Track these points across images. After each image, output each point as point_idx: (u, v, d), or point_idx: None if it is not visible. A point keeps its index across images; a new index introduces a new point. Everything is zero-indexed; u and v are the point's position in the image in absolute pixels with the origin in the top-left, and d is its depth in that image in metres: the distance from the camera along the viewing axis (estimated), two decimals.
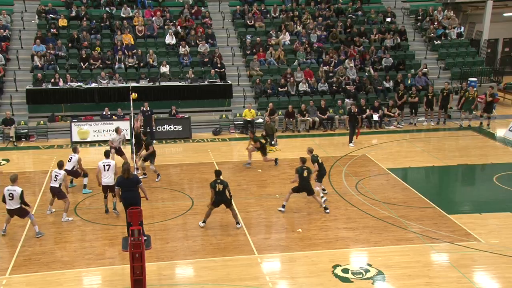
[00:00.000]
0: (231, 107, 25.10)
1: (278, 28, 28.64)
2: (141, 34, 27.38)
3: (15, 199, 13.08)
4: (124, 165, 12.73)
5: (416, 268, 11.90)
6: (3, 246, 13.08)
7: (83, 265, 12.12)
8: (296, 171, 14.72)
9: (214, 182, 13.58)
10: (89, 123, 22.55)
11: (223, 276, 11.59)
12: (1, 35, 25.92)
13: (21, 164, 19.88)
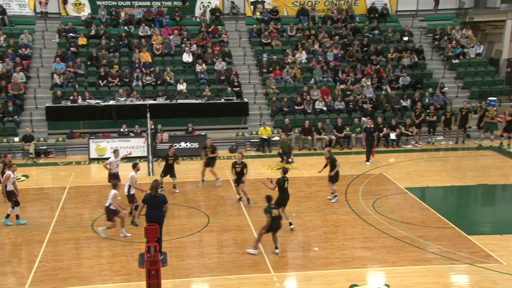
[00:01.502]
0: (247, 125, 25.23)
1: (295, 46, 28.85)
2: (158, 52, 27.78)
3: None
4: (152, 183, 12.66)
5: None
6: (21, 262, 13.23)
7: (99, 281, 12.20)
8: (277, 182, 14.76)
9: (269, 208, 13.21)
10: (107, 139, 22.82)
11: None
12: (22, 54, 26.47)
13: (39, 180, 20.14)
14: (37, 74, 25.96)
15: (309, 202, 17.00)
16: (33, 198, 17.79)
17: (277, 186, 14.70)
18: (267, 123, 24.57)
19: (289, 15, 31.73)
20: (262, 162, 22.14)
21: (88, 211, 16.51)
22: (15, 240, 14.39)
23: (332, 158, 16.79)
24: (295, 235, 14.62)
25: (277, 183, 14.71)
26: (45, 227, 15.16)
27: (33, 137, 22.46)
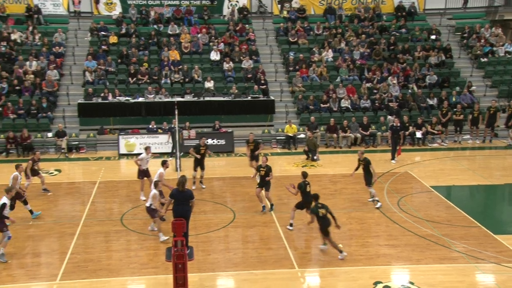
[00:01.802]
0: (273, 122, 25.24)
1: (321, 45, 28.71)
2: (187, 51, 27.97)
3: None
4: (180, 178, 12.69)
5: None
6: (54, 253, 13.50)
7: (128, 274, 12.38)
8: (299, 187, 14.48)
9: (316, 208, 12.97)
10: (136, 136, 23.11)
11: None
12: (56, 52, 26.97)
13: (71, 174, 20.51)
14: (69, 72, 26.42)
15: (333, 199, 16.92)
16: (65, 192, 18.13)
17: (299, 191, 14.47)
18: (293, 120, 24.53)
19: (316, 13, 31.59)
20: (288, 159, 22.13)
21: (117, 205, 16.75)
22: (48, 233, 14.68)
23: (366, 160, 16.21)
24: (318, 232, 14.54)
25: (298, 188, 14.46)
26: (76, 220, 15.44)
27: (65, 132, 22.89)
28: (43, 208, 16.40)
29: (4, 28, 27.57)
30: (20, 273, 12.38)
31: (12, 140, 22.23)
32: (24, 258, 13.21)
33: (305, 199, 14.45)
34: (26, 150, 22.30)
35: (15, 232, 14.44)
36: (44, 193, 17.45)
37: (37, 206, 16.49)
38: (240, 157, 22.37)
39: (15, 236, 14.28)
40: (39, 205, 16.57)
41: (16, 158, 21.87)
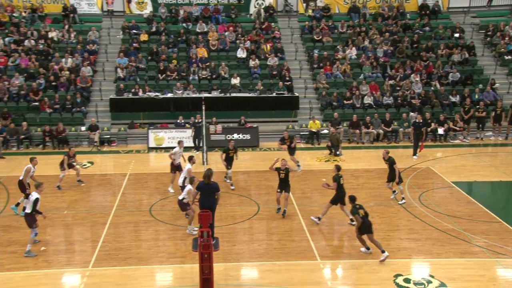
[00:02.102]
0: (298, 118, 25.16)
1: (345, 43, 28.48)
2: (214, 48, 28.05)
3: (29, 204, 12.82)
4: (206, 171, 12.71)
5: (481, 283, 11.44)
6: (86, 241, 13.72)
7: (156, 262, 12.51)
8: (334, 179, 14.23)
9: (355, 209, 12.46)
10: (164, 130, 23.30)
11: (286, 280, 11.63)
12: (90, 49, 27.35)
13: (103, 166, 20.79)
14: (102, 68, 26.76)
15: (355, 193, 16.44)
16: (97, 183, 18.40)
17: (336, 184, 14.15)
18: (317, 116, 24.42)
19: (341, 12, 31.34)
20: (311, 154, 22.05)
21: (146, 197, 16.93)
22: (81, 222, 14.93)
23: (391, 160, 15.80)
24: (341, 225, 14.51)
25: (334, 180, 14.18)
26: (107, 210, 15.66)
27: (98, 126, 23.21)
28: (77, 198, 16.69)
29: (42, 27, 28.06)
30: (55, 260, 12.62)
31: (48, 133, 22.65)
32: (59, 245, 13.47)
33: (340, 192, 14.20)
34: (61, 143, 22.71)
35: (51, 221, 14.77)
36: (78, 184, 17.74)
37: (71, 196, 16.82)
38: (264, 152, 22.39)
39: (51, 224, 14.62)
40: (73, 195, 16.89)
41: (52, 150, 22.29)
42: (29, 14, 29.13)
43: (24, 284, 11.41)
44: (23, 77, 25.22)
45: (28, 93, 24.45)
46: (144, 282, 11.62)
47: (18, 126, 22.80)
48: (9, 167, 19.89)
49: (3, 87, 24.48)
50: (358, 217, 12.26)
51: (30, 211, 12.69)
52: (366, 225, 12.33)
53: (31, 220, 12.76)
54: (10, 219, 14.84)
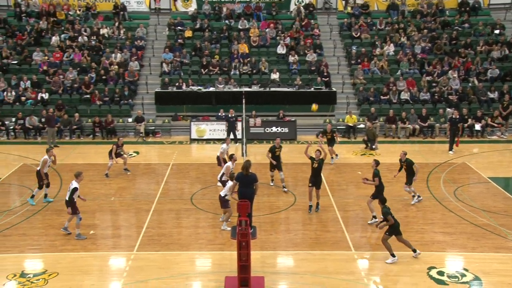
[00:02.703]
0: (335, 113, 24.88)
1: (383, 39, 27.91)
2: (255, 44, 28.01)
3: (68, 192, 13.05)
4: (245, 162, 12.69)
5: None
6: (132, 227, 13.98)
7: (196, 249, 12.63)
8: (375, 175, 13.65)
9: (387, 209, 11.89)
10: (206, 122, 23.46)
11: (320, 269, 11.54)
12: (138, 45, 27.77)
13: (148, 156, 21.11)
14: (149, 63, 27.13)
15: (391, 187, 16.43)
16: (142, 172, 18.69)
17: (377, 178, 13.63)
18: (353, 111, 24.10)
19: (379, 9, 30.68)
20: (347, 148, 21.77)
21: (188, 186, 17.10)
22: (127, 208, 15.22)
23: (408, 161, 14.94)
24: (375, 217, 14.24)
25: (376, 176, 13.66)
26: (151, 198, 15.89)
27: (143, 118, 23.58)
28: (123, 186, 17.02)
29: (94, 24, 28.67)
30: (103, 243, 12.93)
31: (98, 124, 23.16)
32: (106, 229, 13.78)
33: (381, 187, 13.75)
34: (110, 133, 23.19)
35: (99, 207, 15.15)
36: (124, 173, 18.07)
37: (118, 184, 17.16)
38: (302, 145, 22.21)
39: (100, 209, 14.98)
40: (120, 183, 17.22)
41: (101, 140, 22.80)
42: (83, 12, 29.82)
43: (75, 265, 11.73)
44: (76, 71, 25.86)
45: (81, 86, 25.07)
46: (185, 267, 11.74)
47: (71, 117, 23.41)
48: (62, 155, 20.43)
49: (58, 81, 25.18)
50: (391, 217, 11.69)
51: (68, 198, 12.87)
52: (396, 226, 11.88)
53: (72, 206, 12.91)
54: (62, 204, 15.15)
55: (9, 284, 10.91)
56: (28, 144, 22.25)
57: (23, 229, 13.50)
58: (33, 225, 13.83)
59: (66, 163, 19.32)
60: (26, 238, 12.97)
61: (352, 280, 11.08)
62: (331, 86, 25.34)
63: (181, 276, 11.30)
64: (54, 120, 22.22)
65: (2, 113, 23.75)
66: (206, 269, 11.85)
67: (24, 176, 17.78)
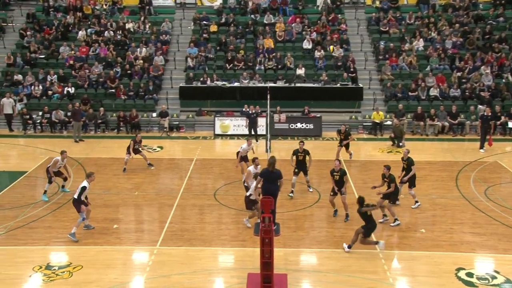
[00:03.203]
0: (361, 109, 24.63)
1: (413, 34, 27.47)
2: (281, 39, 27.91)
3: (77, 191, 13.02)
4: (270, 159, 12.60)
5: None
6: (155, 221, 14.12)
7: (219, 245, 12.68)
8: (392, 180, 13.36)
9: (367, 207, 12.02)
10: (230, 118, 23.51)
11: (344, 267, 11.46)
12: (163, 40, 27.99)
13: (171, 151, 21.28)
14: (173, 58, 27.29)
15: (417, 185, 16.09)
16: (166, 167, 18.85)
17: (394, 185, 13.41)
18: (380, 107, 23.81)
19: (409, 3, 30.19)
20: (374, 145, 21.55)
21: (211, 182, 17.16)
22: (150, 203, 15.37)
23: (409, 161, 14.46)
24: (402, 216, 14.06)
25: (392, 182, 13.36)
26: (175, 193, 16.02)
27: (168, 113, 23.76)
28: (147, 180, 17.18)
29: (120, 19, 29.00)
30: (126, 237, 13.09)
31: (123, 119, 23.45)
32: (129, 224, 13.96)
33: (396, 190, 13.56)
34: (134, 128, 23.44)
35: (123, 201, 15.33)
36: (148, 168, 18.22)
37: (142, 178, 17.34)
38: (327, 141, 22.10)
39: (123, 204, 15.17)
40: (143, 177, 17.40)
41: (125, 134, 23.06)
42: (109, 6, 30.20)
43: (98, 258, 11.91)
44: (102, 65, 26.21)
45: (106, 80, 25.40)
46: (208, 263, 11.80)
47: (96, 112, 23.76)
48: (87, 149, 20.81)
49: (84, 75, 25.56)
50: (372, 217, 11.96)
51: (76, 197, 12.87)
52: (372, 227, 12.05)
53: (78, 205, 12.87)
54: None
55: (35, 276, 11.16)
56: (54, 138, 22.66)
57: (49, 221, 13.77)
58: (58, 218, 14.08)
59: (91, 157, 19.63)
60: (52, 231, 13.22)
61: (377, 280, 10.96)
62: (358, 82, 25.07)
63: (203, 272, 11.36)
64: (79, 114, 22.59)
65: (30, 107, 24.24)
66: (228, 265, 11.88)
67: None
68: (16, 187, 16.16)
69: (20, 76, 25.69)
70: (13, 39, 28.82)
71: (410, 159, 14.55)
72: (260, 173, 12.77)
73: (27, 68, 26.26)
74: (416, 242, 12.56)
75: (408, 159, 14.58)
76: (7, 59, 26.64)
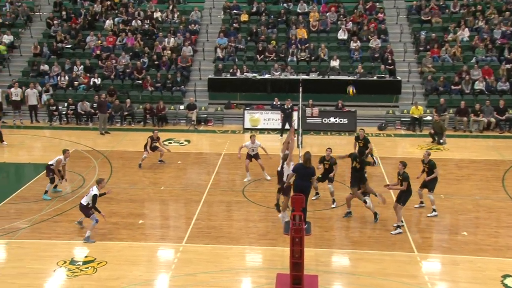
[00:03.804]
0: (399, 103, 24.24)
1: (457, 23, 26.83)
2: (314, 29, 27.68)
3: (87, 197, 12.87)
4: (305, 154, 12.43)
5: None
6: (181, 218, 14.20)
7: (247, 243, 12.67)
8: (405, 179, 12.93)
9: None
10: (260, 111, 23.46)
11: (379, 270, 11.29)
12: (192, 29, 28.11)
13: (199, 145, 21.37)
14: (202, 48, 27.39)
15: (459, 185, 15.91)
16: (193, 161, 18.95)
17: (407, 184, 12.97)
18: (420, 102, 23.38)
19: None
20: (412, 141, 21.17)
21: (239, 177, 17.14)
22: (176, 198, 15.47)
23: (431, 164, 14.01)
24: (442, 218, 13.78)
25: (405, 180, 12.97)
26: (202, 188, 16.08)
27: (196, 105, 23.87)
28: (173, 175, 17.31)
29: (148, 7, 29.27)
30: (151, 233, 13.21)
31: (149, 111, 23.68)
32: (155, 219, 14.08)
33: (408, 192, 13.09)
34: (160, 120, 23.64)
35: (148, 196, 15.48)
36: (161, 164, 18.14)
37: (168, 173, 17.48)
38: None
39: (149, 199, 15.32)
40: (169, 172, 17.54)
41: (151, 127, 23.25)
42: None
43: (123, 254, 12.05)
44: (129, 56, 26.52)
45: (133, 71, 25.69)
46: (235, 262, 11.81)
47: (122, 103, 24.05)
48: (113, 141, 21.10)
49: (110, 66, 25.90)
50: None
51: (85, 204, 12.76)
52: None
53: (86, 210, 12.82)
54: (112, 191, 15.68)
55: (60, 271, 11.37)
56: (80, 130, 23.08)
57: (73, 216, 13.98)
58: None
59: (116, 150, 19.91)
60: (76, 225, 13.42)
61: (414, 284, 10.76)
62: (396, 74, 24.68)
63: (230, 271, 11.37)
64: (106, 106, 22.88)
65: (56, 98, 24.69)
66: (256, 265, 11.85)
67: (75, 162, 18.40)
68: (41, 180, 16.46)
69: (46, 66, 26.21)
70: (40, 28, 29.43)
71: (432, 162, 14.03)
72: (293, 168, 12.67)
73: (53, 58, 26.78)
74: (457, 245, 12.28)
75: (429, 162, 14.04)
76: (34, 49, 27.24)
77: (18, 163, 19.01)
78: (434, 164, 14.06)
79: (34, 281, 11.00)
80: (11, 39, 28.04)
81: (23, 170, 18.51)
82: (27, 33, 29.12)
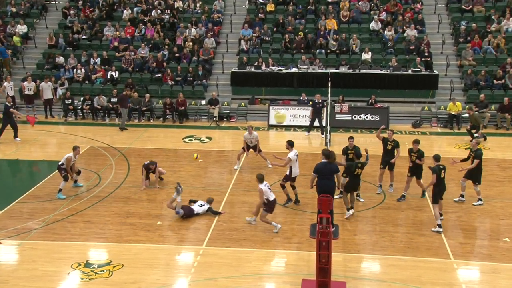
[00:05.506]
0: (435, 99, 24.01)
1: (502, 12, 26.42)
2: (345, 19, 27.57)
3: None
4: (324, 151, 12.55)
5: None
6: (201, 219, 14.30)
7: (271, 247, 12.72)
8: (433, 171, 12.95)
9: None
10: (286, 107, 23.49)
11: (413, 277, 11.24)
12: (215, 20, 28.27)
13: (221, 143, 21.50)
14: (226, 40, 27.53)
15: (501, 187, 15.69)
16: (214, 159, 19.09)
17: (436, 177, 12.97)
18: (458, 98, 23.16)
19: None
20: (449, 139, 20.96)
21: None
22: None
23: (477, 153, 14.28)
24: (481, 222, 13.66)
25: (434, 173, 12.99)
26: (223, 188, 16.20)
27: (218, 101, 24.01)
28: (194, 174, 17.46)
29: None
30: (170, 236, 13.37)
31: (169, 106, 23.89)
32: (174, 221, 14.20)
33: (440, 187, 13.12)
34: (181, 116, 23.80)
35: (167, 196, 15.62)
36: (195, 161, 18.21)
37: (188, 172, 17.65)
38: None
39: (168, 199, 15.40)
40: (189, 171, 17.71)
41: (171, 123, 23.51)
42: None
43: (140, 257, 12.23)
44: (148, 47, 26.81)
45: (152, 64, 25.93)
46: (258, 266, 11.88)
47: (141, 97, 24.31)
48: (131, 138, 21.36)
49: (129, 58, 26.19)
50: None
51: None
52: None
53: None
54: (130, 191, 15.97)
55: (74, 273, 11.57)
56: (96, 126, 23.44)
57: (88, 216, 14.26)
58: (98, 212, 14.56)
59: (134, 147, 20.17)
60: (91, 226, 13.69)
61: None
62: (433, 68, 24.45)
63: (253, 276, 11.45)
64: (127, 101, 23.11)
65: (71, 92, 25.02)
66: (281, 270, 11.91)
67: (91, 160, 18.75)
68: (55, 178, 16.73)
69: (62, 58, 26.64)
70: (56, 18, 29.99)
71: (479, 152, 14.41)
72: (314, 169, 12.71)
73: (69, 50, 27.18)
74: (498, 252, 12.14)
75: (476, 151, 14.39)
76: (49, 40, 27.71)
77: (31, 160, 19.40)
78: (479, 154, 14.30)
79: (47, 284, 11.22)
80: (25, 30, 28.60)
81: (36, 167, 18.84)
82: (42, 24, 29.71)
